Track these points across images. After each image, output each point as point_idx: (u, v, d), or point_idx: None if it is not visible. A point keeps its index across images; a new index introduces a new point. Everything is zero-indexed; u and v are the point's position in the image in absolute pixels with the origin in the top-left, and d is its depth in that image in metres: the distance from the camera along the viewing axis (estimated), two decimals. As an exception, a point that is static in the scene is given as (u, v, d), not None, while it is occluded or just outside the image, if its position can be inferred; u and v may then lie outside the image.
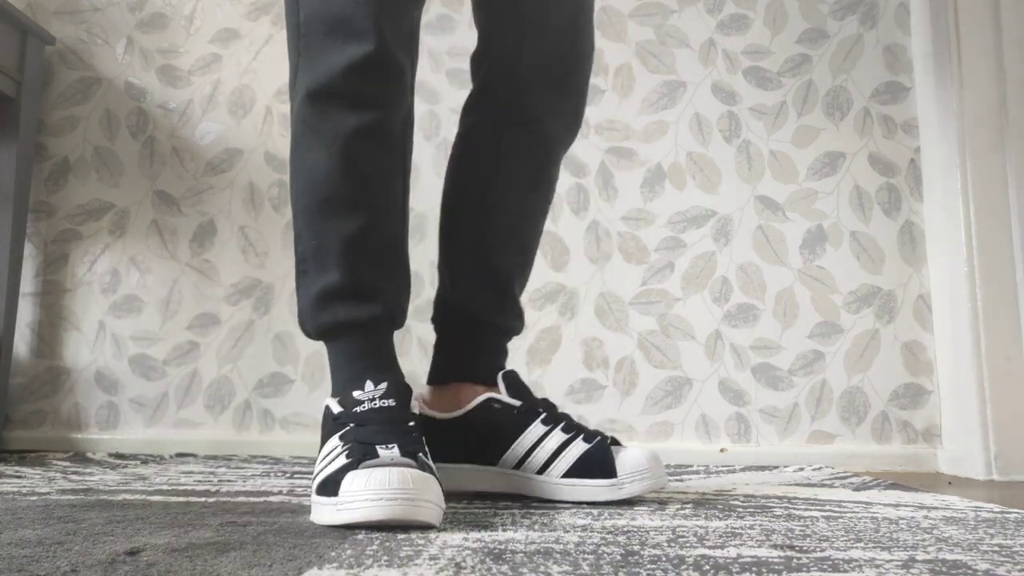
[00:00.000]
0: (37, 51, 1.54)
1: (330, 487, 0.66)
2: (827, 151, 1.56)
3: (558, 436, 0.84)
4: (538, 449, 0.84)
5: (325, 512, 0.66)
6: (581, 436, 0.84)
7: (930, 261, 1.50)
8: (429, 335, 1.49)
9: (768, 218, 1.54)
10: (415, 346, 1.51)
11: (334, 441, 0.72)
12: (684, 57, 1.60)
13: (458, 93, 1.60)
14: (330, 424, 0.74)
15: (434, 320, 0.96)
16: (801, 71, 1.58)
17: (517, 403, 0.87)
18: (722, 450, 1.46)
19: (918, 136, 1.55)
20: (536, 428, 0.85)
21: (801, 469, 1.32)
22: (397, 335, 0.87)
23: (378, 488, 0.62)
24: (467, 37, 1.61)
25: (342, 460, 0.67)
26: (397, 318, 0.83)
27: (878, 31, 1.59)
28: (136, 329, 1.55)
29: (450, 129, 1.59)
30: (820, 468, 1.33)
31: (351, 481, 0.64)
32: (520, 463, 0.84)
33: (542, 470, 0.83)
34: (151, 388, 1.53)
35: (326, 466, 0.69)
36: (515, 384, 0.89)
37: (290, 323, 1.54)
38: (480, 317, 0.92)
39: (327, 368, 1.51)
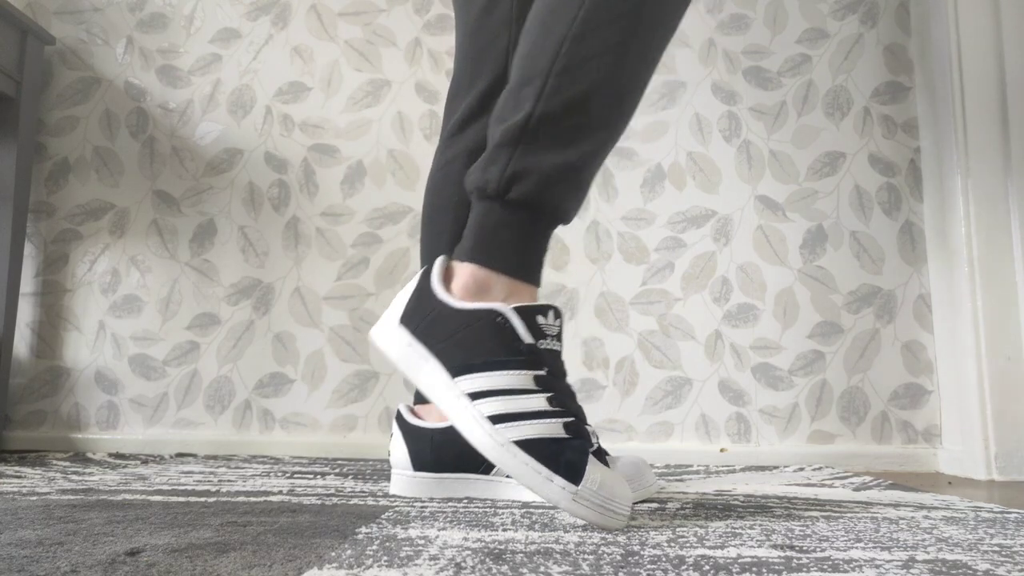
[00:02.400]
0: (37, 51, 1.54)
1: (556, 461, 0.65)
2: (827, 151, 1.56)
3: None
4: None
5: (553, 489, 0.65)
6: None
7: (930, 261, 1.50)
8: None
9: (768, 218, 1.54)
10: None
11: (526, 378, 0.69)
12: (684, 57, 1.60)
13: (458, 93, 1.60)
14: (514, 347, 0.70)
15: None
16: (801, 71, 1.58)
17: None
18: (722, 450, 1.46)
19: (918, 136, 1.54)
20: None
21: (801, 469, 1.32)
22: None
23: (623, 501, 0.65)
24: (467, 37, 1.61)
25: (558, 428, 0.67)
26: None
27: (878, 31, 1.58)
28: (136, 329, 1.55)
29: (450, 129, 1.59)
30: (820, 468, 1.33)
31: (600, 483, 0.65)
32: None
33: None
34: (151, 388, 1.53)
35: (530, 416, 0.67)
36: None
37: (290, 323, 1.54)
38: None
39: (327, 368, 1.51)
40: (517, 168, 0.74)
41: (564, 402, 0.69)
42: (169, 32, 1.64)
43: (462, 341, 0.71)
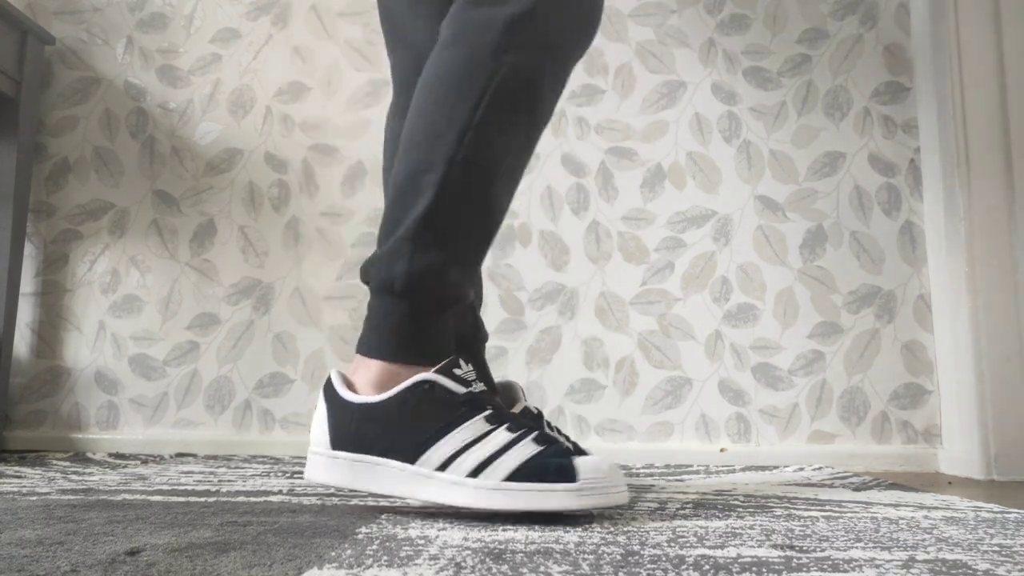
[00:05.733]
0: (37, 51, 1.54)
1: (546, 472, 0.67)
2: (827, 151, 1.56)
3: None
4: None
5: (559, 497, 0.67)
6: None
7: (930, 261, 1.50)
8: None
9: (768, 218, 1.54)
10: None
11: (480, 423, 0.70)
12: (684, 57, 1.60)
13: (458, 93, 1.60)
14: (453, 402, 0.70)
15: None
16: (801, 71, 1.58)
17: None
18: (722, 450, 1.46)
19: (918, 136, 1.54)
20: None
21: (801, 469, 1.32)
22: None
23: (616, 476, 0.69)
24: (467, 37, 1.61)
25: (531, 446, 0.69)
26: None
27: (878, 31, 1.58)
28: (136, 329, 1.55)
29: (450, 129, 1.59)
30: (820, 468, 1.33)
31: (592, 468, 0.67)
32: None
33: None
34: (151, 388, 1.53)
35: (502, 451, 0.68)
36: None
37: (290, 323, 1.54)
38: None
39: (327, 368, 1.51)
40: (422, 264, 0.74)
41: (521, 424, 0.70)
42: (169, 32, 1.64)
43: (401, 427, 0.71)
